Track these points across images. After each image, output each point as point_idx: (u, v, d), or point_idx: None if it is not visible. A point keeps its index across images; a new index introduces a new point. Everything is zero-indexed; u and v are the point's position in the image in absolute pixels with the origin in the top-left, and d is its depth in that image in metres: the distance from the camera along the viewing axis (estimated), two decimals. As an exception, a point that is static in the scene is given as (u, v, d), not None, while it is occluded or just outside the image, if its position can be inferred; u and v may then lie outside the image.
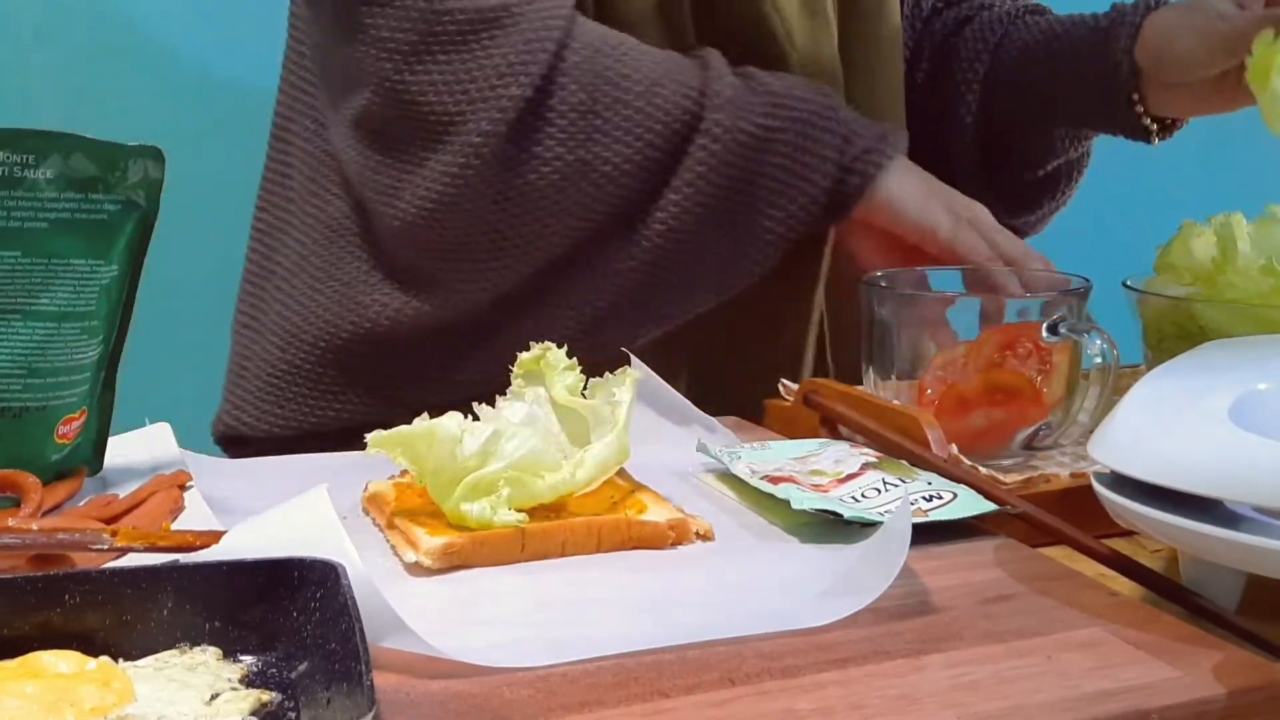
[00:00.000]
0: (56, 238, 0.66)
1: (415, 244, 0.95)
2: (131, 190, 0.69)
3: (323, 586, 0.50)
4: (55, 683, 0.46)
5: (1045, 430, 0.81)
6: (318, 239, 1.01)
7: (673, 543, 0.65)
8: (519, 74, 0.89)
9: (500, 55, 0.89)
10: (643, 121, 0.92)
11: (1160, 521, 0.57)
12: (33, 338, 0.66)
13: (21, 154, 0.64)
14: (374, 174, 0.94)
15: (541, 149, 0.91)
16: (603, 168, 0.92)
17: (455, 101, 0.90)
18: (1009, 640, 0.54)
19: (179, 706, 0.46)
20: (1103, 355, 0.78)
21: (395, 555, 0.64)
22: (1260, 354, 0.68)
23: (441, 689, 0.50)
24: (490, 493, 0.63)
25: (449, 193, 0.91)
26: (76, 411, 0.70)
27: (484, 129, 0.89)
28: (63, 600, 0.50)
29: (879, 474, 0.70)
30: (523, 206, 0.92)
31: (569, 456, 0.67)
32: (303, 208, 1.03)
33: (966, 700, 0.49)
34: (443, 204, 0.91)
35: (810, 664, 0.52)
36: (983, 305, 0.84)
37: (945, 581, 0.61)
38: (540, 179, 0.91)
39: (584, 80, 0.91)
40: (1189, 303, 0.83)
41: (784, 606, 0.57)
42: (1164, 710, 0.49)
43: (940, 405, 0.81)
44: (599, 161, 0.92)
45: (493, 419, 0.68)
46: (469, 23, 0.89)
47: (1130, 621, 0.56)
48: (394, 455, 0.64)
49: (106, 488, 0.71)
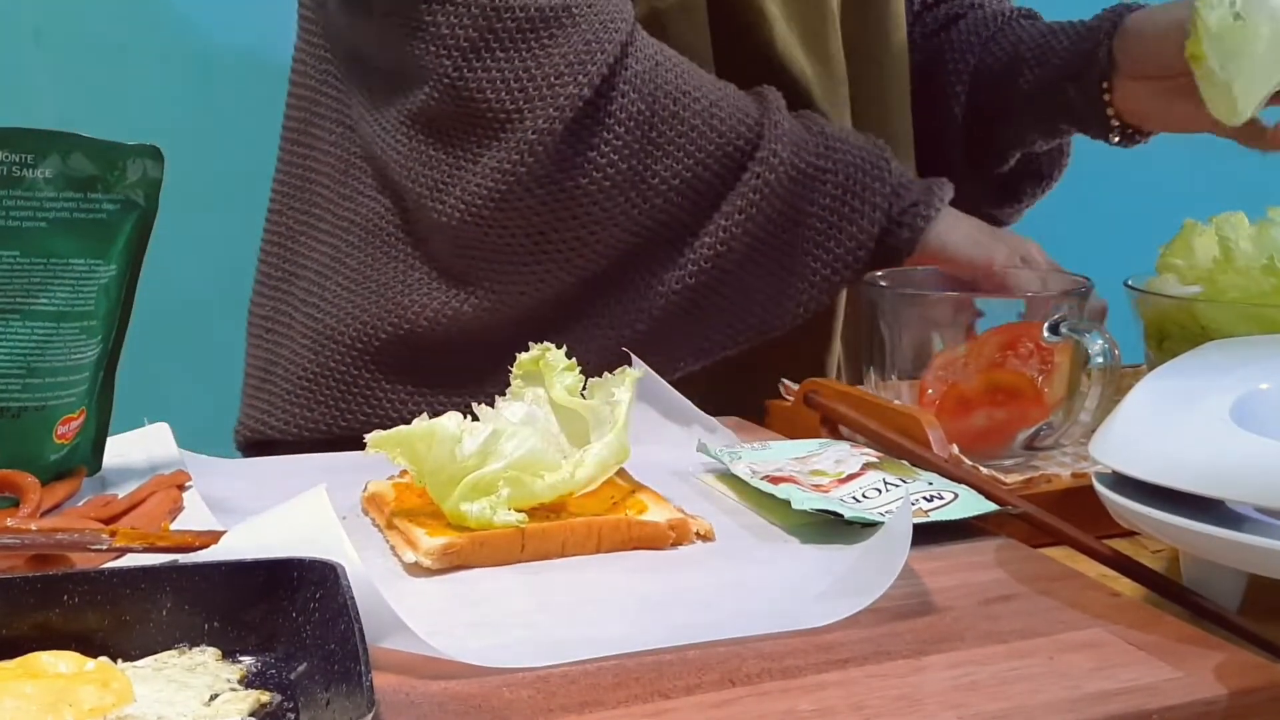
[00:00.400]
0: (55, 237, 0.66)
1: (459, 242, 0.95)
2: (130, 190, 0.69)
3: (322, 587, 0.50)
4: (54, 683, 0.46)
5: (1046, 430, 0.81)
6: (353, 241, 1.01)
7: (673, 543, 0.65)
8: (578, 74, 0.89)
9: (560, 54, 0.89)
10: (699, 140, 0.92)
11: (1162, 522, 0.57)
12: (31, 337, 0.66)
13: (20, 153, 0.64)
14: (425, 169, 0.94)
15: (595, 154, 0.91)
16: (653, 180, 0.92)
17: (514, 98, 0.90)
18: (1010, 641, 0.54)
19: (178, 707, 0.46)
20: (1104, 355, 0.78)
21: (394, 555, 0.64)
22: (1261, 354, 0.68)
23: (441, 689, 0.50)
24: (490, 492, 0.63)
25: (499, 189, 0.91)
26: (75, 411, 0.70)
27: (540, 126, 0.89)
28: (62, 601, 0.50)
29: (880, 474, 0.70)
30: (571, 210, 0.92)
31: (569, 456, 0.67)
32: (332, 210, 1.03)
33: (967, 701, 0.49)
34: (492, 201, 0.91)
35: (811, 664, 0.52)
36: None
37: (946, 582, 0.61)
38: (591, 183, 0.91)
39: (645, 90, 0.91)
40: (1190, 303, 0.83)
41: (785, 607, 0.57)
42: (1165, 711, 0.49)
43: (941, 405, 0.81)
44: (650, 175, 0.92)
45: (492, 419, 0.68)
46: (529, 20, 0.89)
47: (1132, 622, 0.56)
48: (393, 455, 0.64)
49: (105, 488, 0.71)
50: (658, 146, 0.91)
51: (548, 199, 0.91)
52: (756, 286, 0.96)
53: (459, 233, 0.94)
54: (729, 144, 0.93)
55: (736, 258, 0.95)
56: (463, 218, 0.93)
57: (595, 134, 0.91)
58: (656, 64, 0.92)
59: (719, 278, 0.95)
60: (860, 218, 0.94)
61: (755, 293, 0.96)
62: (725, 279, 0.95)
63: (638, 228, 0.94)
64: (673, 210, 0.94)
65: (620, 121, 0.91)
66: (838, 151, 0.96)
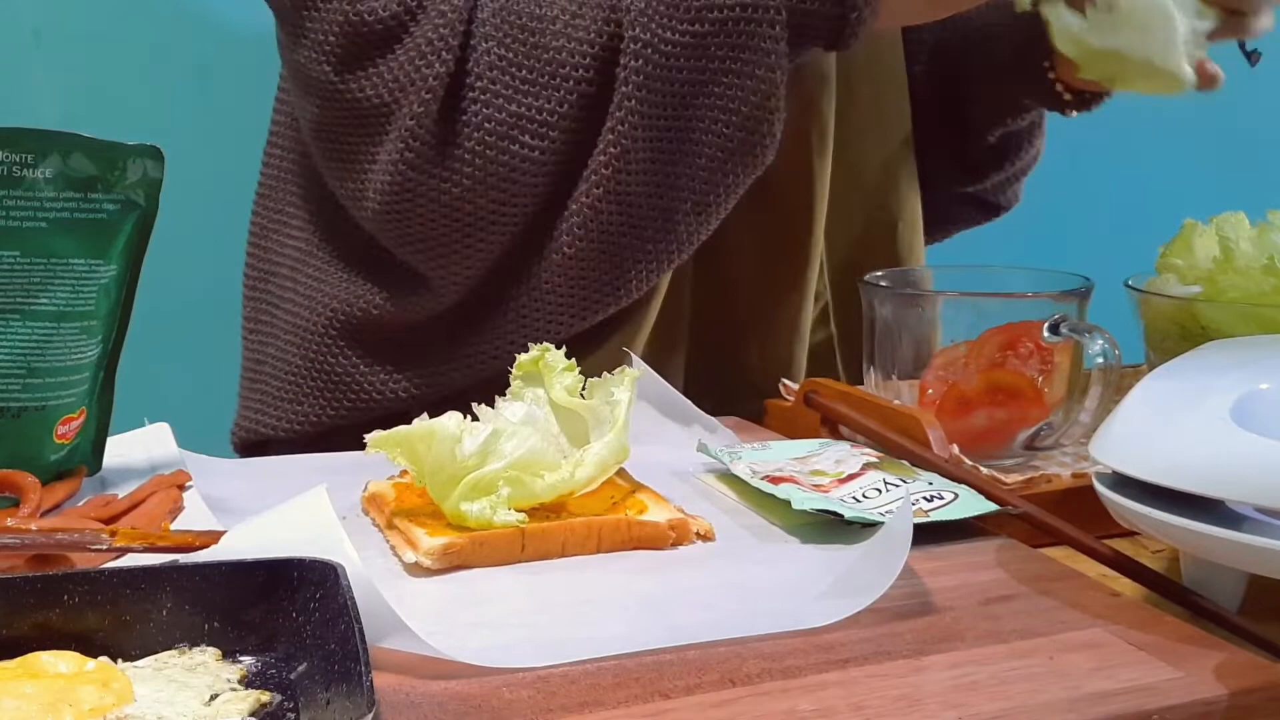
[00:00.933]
0: (55, 237, 0.66)
1: (389, 239, 0.95)
2: (131, 190, 0.69)
3: (322, 587, 0.50)
4: (54, 683, 0.46)
5: (1047, 430, 0.81)
6: (321, 235, 1.02)
7: (673, 543, 0.65)
8: (440, 51, 0.89)
9: (420, 38, 0.89)
10: (567, 60, 0.89)
11: (1162, 522, 0.57)
12: (32, 338, 0.66)
13: (20, 153, 0.64)
14: (340, 182, 0.95)
15: (470, 115, 0.90)
16: (538, 118, 0.90)
17: (389, 92, 0.90)
18: (1010, 641, 0.54)
19: (178, 707, 0.46)
20: (1104, 355, 0.78)
21: (394, 555, 0.64)
22: (1261, 354, 0.68)
23: (441, 689, 0.50)
24: (490, 492, 0.63)
25: (398, 182, 0.90)
26: (75, 411, 0.70)
27: (415, 111, 0.89)
28: (62, 600, 0.50)
29: (880, 474, 0.70)
30: (473, 179, 0.90)
31: (568, 456, 0.67)
32: (302, 207, 1.03)
33: (968, 701, 0.49)
34: (397, 194, 0.91)
35: (811, 664, 0.52)
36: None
37: (946, 582, 0.61)
38: (477, 144, 0.89)
39: (498, 36, 0.90)
40: (1190, 303, 0.83)
41: (785, 607, 0.57)
42: (1165, 711, 0.49)
43: (941, 405, 0.81)
44: (534, 112, 0.90)
45: (492, 419, 0.68)
46: (392, 17, 0.90)
47: (1132, 622, 0.56)
48: (393, 455, 0.64)
49: (105, 488, 0.71)
50: (530, 83, 0.89)
51: (447, 176, 0.90)
52: (677, 172, 0.91)
53: (384, 231, 0.94)
54: (593, 51, 0.89)
55: (642, 157, 0.90)
56: (380, 217, 0.93)
57: (465, 98, 0.90)
58: (503, 5, 0.90)
59: (631, 181, 0.90)
60: (757, 68, 0.88)
61: (679, 178, 0.91)
62: (638, 179, 0.90)
63: (542, 170, 0.91)
64: (568, 140, 0.90)
65: (482, 76, 0.89)
66: (713, 8, 0.88)
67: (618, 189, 0.90)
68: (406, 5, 0.90)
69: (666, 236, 0.92)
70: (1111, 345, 0.78)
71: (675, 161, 0.90)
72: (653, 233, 0.92)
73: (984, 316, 0.82)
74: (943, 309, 0.85)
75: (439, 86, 0.89)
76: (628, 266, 0.92)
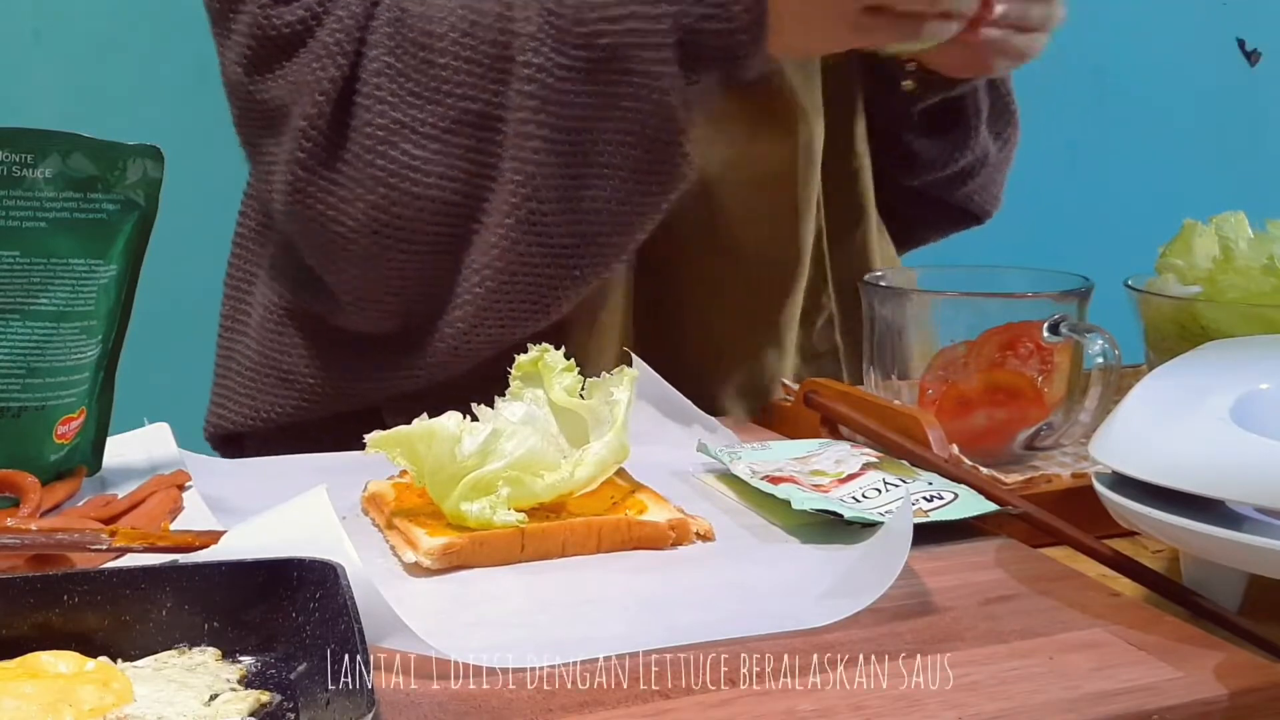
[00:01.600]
0: (55, 237, 0.66)
1: (299, 244, 0.95)
2: (130, 190, 0.69)
3: (322, 587, 0.50)
4: (54, 683, 0.46)
5: (1046, 430, 0.81)
6: (283, 238, 1.02)
7: (673, 543, 0.65)
8: (335, 55, 0.89)
9: (318, 43, 0.89)
10: (452, 78, 0.89)
11: (1162, 522, 0.57)
12: (31, 338, 0.66)
13: (20, 153, 0.64)
14: (258, 182, 0.96)
15: (356, 119, 0.89)
16: (420, 129, 0.89)
17: (289, 94, 0.90)
18: (1010, 641, 0.54)
19: (178, 707, 0.46)
20: (1104, 355, 0.78)
21: (394, 555, 0.64)
22: (1261, 354, 0.68)
23: (441, 689, 0.50)
24: (490, 492, 0.63)
25: (291, 181, 0.90)
26: (75, 411, 0.70)
27: (309, 112, 0.89)
28: (61, 601, 0.50)
29: (880, 474, 0.70)
30: (354, 181, 0.90)
31: (568, 456, 0.67)
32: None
33: (968, 701, 0.49)
34: (292, 194, 0.91)
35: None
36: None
37: (946, 582, 0.61)
38: (359, 147, 0.89)
39: (389, 44, 0.89)
40: (1190, 303, 0.83)
41: (785, 607, 0.57)
42: (1165, 711, 0.49)
43: (941, 405, 0.81)
44: (415, 123, 0.89)
45: (491, 419, 0.68)
46: (299, 22, 0.90)
47: (1132, 622, 0.56)
48: (392, 455, 0.64)
49: (105, 488, 0.71)
50: (417, 96, 0.89)
51: (340, 179, 0.90)
52: (591, 197, 0.89)
53: (292, 233, 0.94)
54: (480, 71, 0.89)
55: (552, 177, 0.89)
56: (284, 218, 0.93)
57: (355, 103, 0.90)
58: (399, 17, 0.90)
59: (544, 195, 0.89)
60: (651, 93, 0.87)
61: (593, 204, 0.89)
62: (546, 209, 0.89)
63: (421, 181, 0.90)
64: (450, 155, 0.89)
65: (369, 81, 0.89)
66: (604, 33, 0.86)
67: (531, 218, 0.90)
68: (313, 10, 0.90)
69: (589, 259, 0.91)
70: (1111, 345, 0.78)
71: (586, 187, 0.89)
72: (575, 258, 0.91)
73: (984, 316, 0.82)
74: (943, 309, 0.85)
75: (332, 89, 0.89)
76: (552, 288, 0.92)
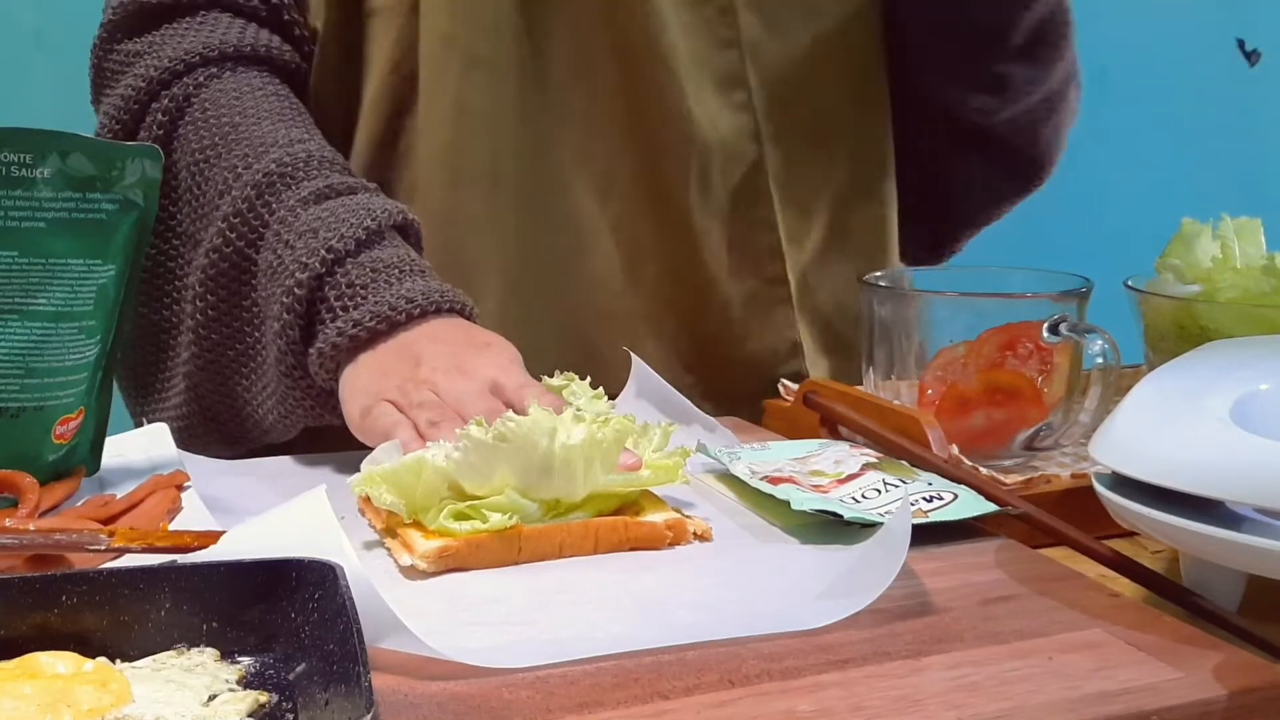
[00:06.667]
0: (54, 237, 0.66)
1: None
2: (129, 190, 0.69)
3: (321, 587, 0.50)
4: (53, 683, 0.46)
5: (1046, 431, 0.80)
6: None
7: (670, 543, 0.65)
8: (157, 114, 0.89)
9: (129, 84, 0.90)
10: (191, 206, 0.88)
11: (1161, 522, 0.57)
12: (30, 337, 0.66)
13: (19, 153, 0.64)
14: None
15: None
16: (179, 228, 0.88)
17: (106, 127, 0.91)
18: (1010, 641, 0.54)
19: (176, 707, 0.46)
20: (1104, 355, 0.78)
21: (392, 557, 0.63)
22: (1261, 354, 0.68)
23: (440, 690, 0.50)
24: (475, 517, 0.63)
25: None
26: (74, 411, 0.70)
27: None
28: (60, 601, 0.50)
29: (879, 474, 0.70)
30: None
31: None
32: None
33: (967, 701, 0.49)
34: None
35: (810, 665, 0.52)
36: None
37: (946, 582, 0.61)
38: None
39: (196, 131, 0.88)
40: (1190, 303, 0.83)
41: (784, 607, 0.57)
42: (1165, 711, 0.49)
43: (941, 405, 0.81)
44: (178, 224, 0.89)
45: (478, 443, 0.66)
46: (126, 55, 0.92)
47: (1131, 622, 0.56)
48: (378, 494, 0.63)
49: (104, 488, 0.71)
50: (195, 199, 0.87)
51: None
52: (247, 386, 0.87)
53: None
54: (207, 213, 0.86)
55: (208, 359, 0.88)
56: None
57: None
58: (212, 103, 0.88)
59: (200, 382, 0.89)
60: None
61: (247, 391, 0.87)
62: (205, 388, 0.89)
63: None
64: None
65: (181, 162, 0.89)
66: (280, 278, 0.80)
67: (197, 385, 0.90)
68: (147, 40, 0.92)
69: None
70: (1111, 345, 0.78)
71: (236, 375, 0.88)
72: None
73: (983, 316, 0.82)
74: (942, 309, 0.85)
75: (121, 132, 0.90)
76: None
